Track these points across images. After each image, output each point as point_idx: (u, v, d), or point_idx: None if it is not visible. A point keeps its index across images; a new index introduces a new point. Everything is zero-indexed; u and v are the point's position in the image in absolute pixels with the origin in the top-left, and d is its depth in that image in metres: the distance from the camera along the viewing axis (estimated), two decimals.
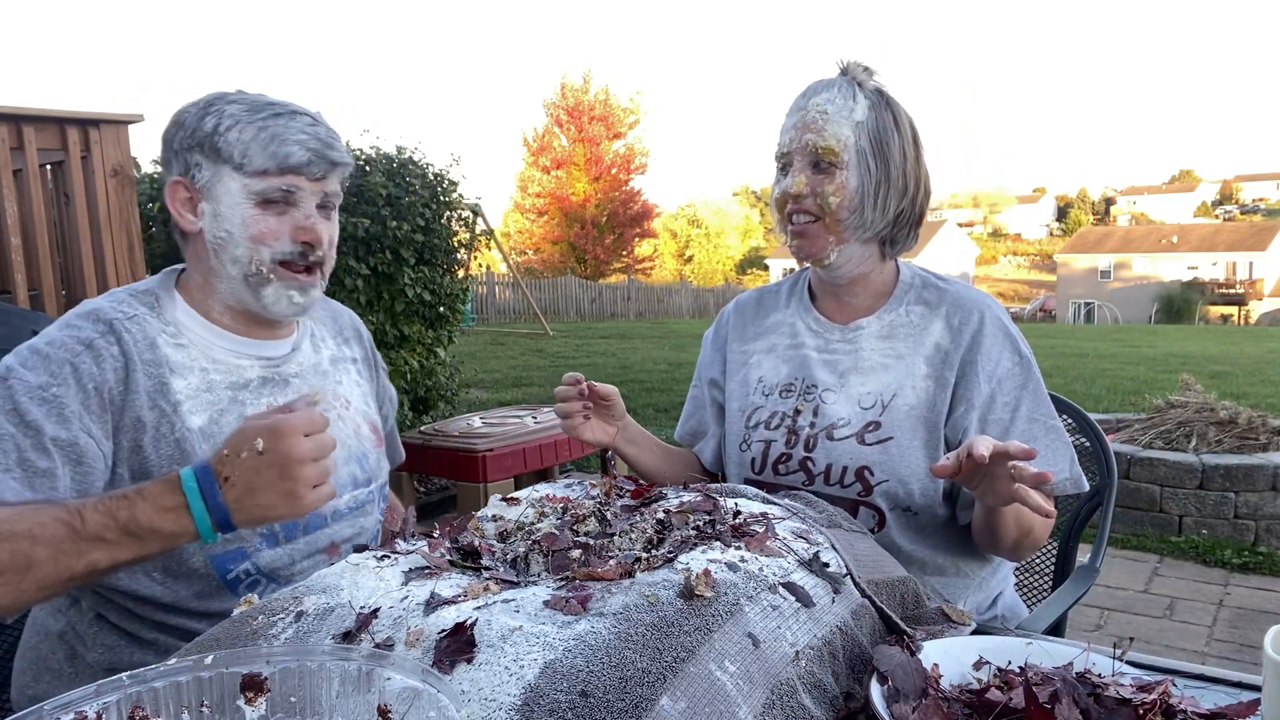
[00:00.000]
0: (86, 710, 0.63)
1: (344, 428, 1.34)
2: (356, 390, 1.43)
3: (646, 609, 0.78)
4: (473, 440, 3.97)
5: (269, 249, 1.21)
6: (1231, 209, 76.54)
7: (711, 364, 1.60)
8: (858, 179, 1.33)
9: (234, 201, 1.19)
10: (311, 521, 1.27)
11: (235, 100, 1.21)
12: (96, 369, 1.13)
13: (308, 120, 1.22)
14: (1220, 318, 37.73)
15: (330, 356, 1.40)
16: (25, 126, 3.57)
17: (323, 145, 1.22)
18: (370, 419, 1.43)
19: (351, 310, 1.56)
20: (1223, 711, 0.75)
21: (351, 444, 1.35)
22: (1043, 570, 1.78)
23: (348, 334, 1.48)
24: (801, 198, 1.34)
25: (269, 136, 1.18)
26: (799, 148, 1.34)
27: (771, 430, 1.43)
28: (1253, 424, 4.36)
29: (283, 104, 1.22)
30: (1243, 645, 3.06)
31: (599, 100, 29.89)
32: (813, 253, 1.38)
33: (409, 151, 4.89)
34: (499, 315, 19.64)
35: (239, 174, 1.18)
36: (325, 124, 1.25)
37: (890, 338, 1.41)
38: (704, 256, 52.24)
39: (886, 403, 1.36)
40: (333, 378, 1.38)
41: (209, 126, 1.18)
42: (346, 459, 1.33)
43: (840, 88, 1.34)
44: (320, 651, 0.70)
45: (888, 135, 1.33)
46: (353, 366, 1.45)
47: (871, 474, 1.34)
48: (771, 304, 1.57)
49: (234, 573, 1.21)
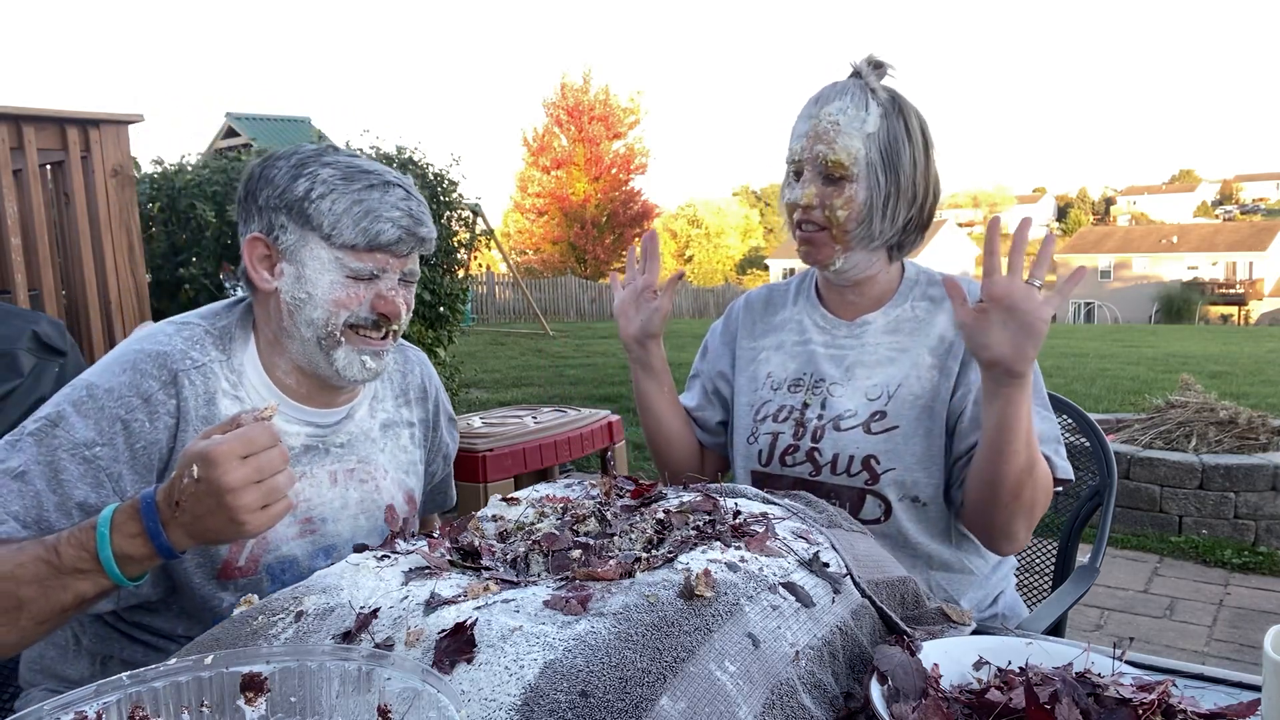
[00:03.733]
0: (86, 710, 0.63)
1: (378, 499, 1.32)
2: (403, 457, 1.38)
3: (646, 609, 0.78)
4: (473, 440, 3.96)
5: (347, 312, 1.17)
6: (1231, 209, 76.51)
7: (720, 357, 1.61)
8: (866, 192, 1.34)
9: (320, 268, 1.16)
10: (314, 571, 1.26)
11: (330, 164, 1.17)
12: (150, 426, 1.11)
13: (401, 194, 1.18)
14: (1220, 318, 37.73)
15: (383, 421, 1.36)
16: (25, 126, 3.57)
17: (414, 223, 1.18)
18: (407, 488, 1.38)
19: (426, 359, 1.51)
20: (1223, 711, 0.75)
21: (378, 516, 1.32)
22: (1043, 570, 1.78)
23: (412, 394, 1.42)
24: (810, 208, 1.36)
25: (362, 212, 1.15)
26: (810, 158, 1.35)
27: (779, 423, 1.45)
28: (1253, 424, 4.36)
29: (378, 173, 1.18)
30: (1243, 645, 3.06)
31: (599, 100, 29.87)
32: (819, 260, 1.41)
33: (409, 151, 4.90)
34: (499, 315, 19.64)
35: (326, 244, 1.15)
36: (417, 195, 1.22)
37: (896, 332, 1.43)
38: (704, 256, 52.22)
39: (892, 393, 1.38)
40: (379, 445, 1.34)
41: (300, 190, 1.15)
42: (370, 530, 1.30)
43: (853, 95, 1.34)
44: (320, 651, 0.70)
45: (899, 145, 1.34)
46: (406, 431, 1.40)
47: (878, 462, 1.35)
48: (780, 301, 1.59)
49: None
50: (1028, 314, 1.10)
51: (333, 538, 1.26)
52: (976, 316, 1.14)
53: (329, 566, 1.20)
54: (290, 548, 1.22)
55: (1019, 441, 1.19)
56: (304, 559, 1.23)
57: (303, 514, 1.23)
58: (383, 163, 1.46)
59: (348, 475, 1.28)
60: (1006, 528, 1.27)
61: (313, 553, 1.24)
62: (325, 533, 1.25)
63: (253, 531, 0.96)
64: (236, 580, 1.18)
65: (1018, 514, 1.24)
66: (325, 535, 1.25)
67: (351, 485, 1.28)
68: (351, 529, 1.28)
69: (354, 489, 1.29)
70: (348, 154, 1.21)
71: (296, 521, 1.22)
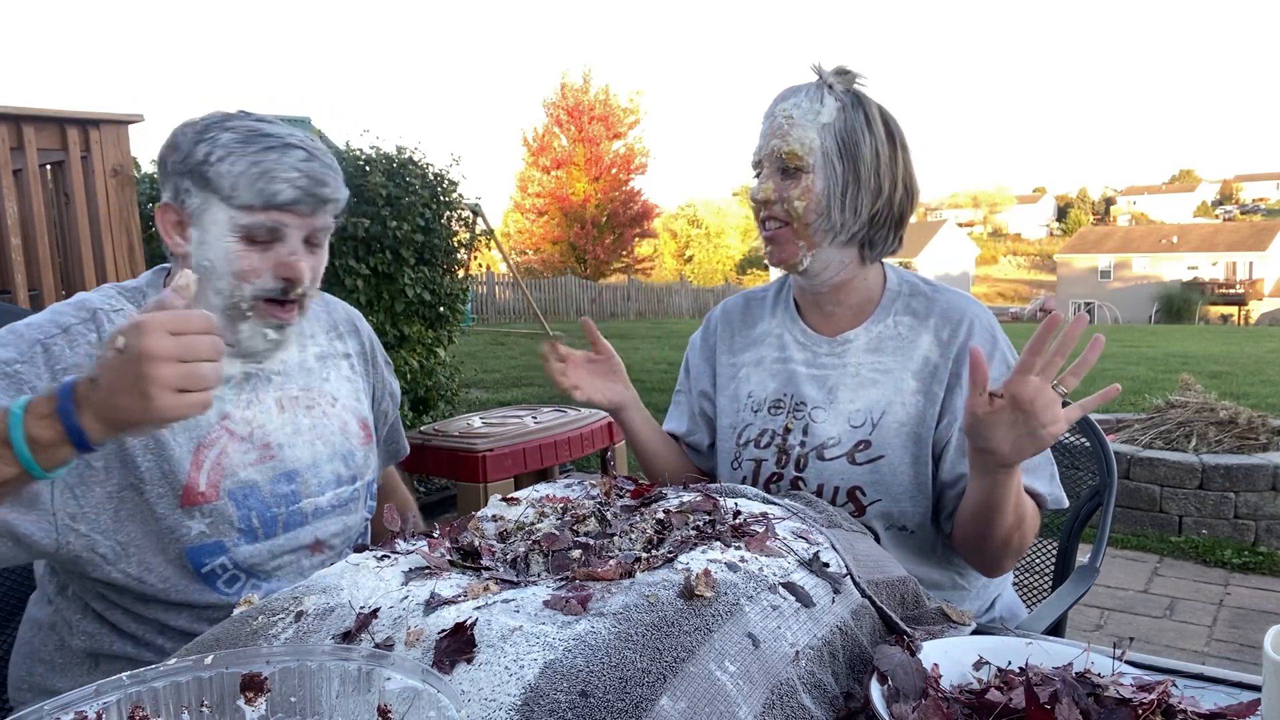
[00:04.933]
0: (86, 710, 0.64)
1: (329, 424, 1.34)
2: (346, 386, 1.41)
3: (646, 609, 0.78)
4: (473, 440, 3.97)
5: (250, 285, 1.19)
6: (1231, 209, 76.53)
7: (701, 375, 1.58)
8: (824, 182, 1.31)
9: (220, 232, 1.17)
10: (291, 518, 1.27)
11: (231, 127, 1.18)
12: (69, 351, 1.14)
13: (301, 155, 1.19)
14: (1220, 318, 37.74)
15: (318, 353, 1.39)
16: (25, 126, 3.57)
17: (312, 183, 1.19)
18: (360, 415, 1.41)
19: (351, 308, 1.54)
20: (1223, 711, 0.75)
21: (336, 440, 1.35)
22: (1043, 570, 1.78)
23: (342, 329, 1.46)
24: (770, 203, 1.34)
25: (259, 172, 1.15)
26: (768, 154, 1.34)
27: (761, 449, 1.42)
28: (1253, 424, 4.36)
29: (278, 135, 1.19)
30: (1243, 645, 3.06)
31: (599, 100, 29.87)
32: (785, 258, 1.37)
33: (409, 151, 4.89)
34: (499, 315, 19.64)
35: (227, 205, 1.17)
36: (321, 157, 1.22)
37: (878, 350, 1.38)
38: (704, 256, 52.23)
39: (876, 420, 1.34)
40: (319, 374, 1.37)
41: (200, 154, 1.16)
42: (331, 455, 1.33)
43: (808, 92, 1.33)
44: (320, 651, 0.70)
45: (857, 135, 1.31)
46: (345, 362, 1.43)
47: (864, 494, 1.33)
48: (759, 312, 1.54)
49: (209, 566, 1.21)
50: (1042, 426, 1.04)
51: (292, 463, 1.28)
52: (989, 410, 1.05)
53: (293, 496, 1.27)
54: (250, 473, 1.24)
55: (1006, 509, 1.17)
56: (265, 484, 1.25)
57: (259, 440, 1.26)
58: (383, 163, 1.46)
59: (294, 402, 1.31)
60: (995, 565, 1.31)
61: (274, 478, 1.26)
62: (284, 458, 1.27)
63: (162, 414, 0.92)
64: (201, 506, 1.20)
65: (1006, 556, 1.27)
66: (284, 460, 1.27)
67: (299, 411, 1.31)
68: (311, 455, 1.30)
69: (303, 415, 1.31)
70: (256, 118, 1.21)
71: (255, 447, 1.25)
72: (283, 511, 1.27)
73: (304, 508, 1.29)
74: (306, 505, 1.29)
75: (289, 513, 1.27)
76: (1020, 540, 1.24)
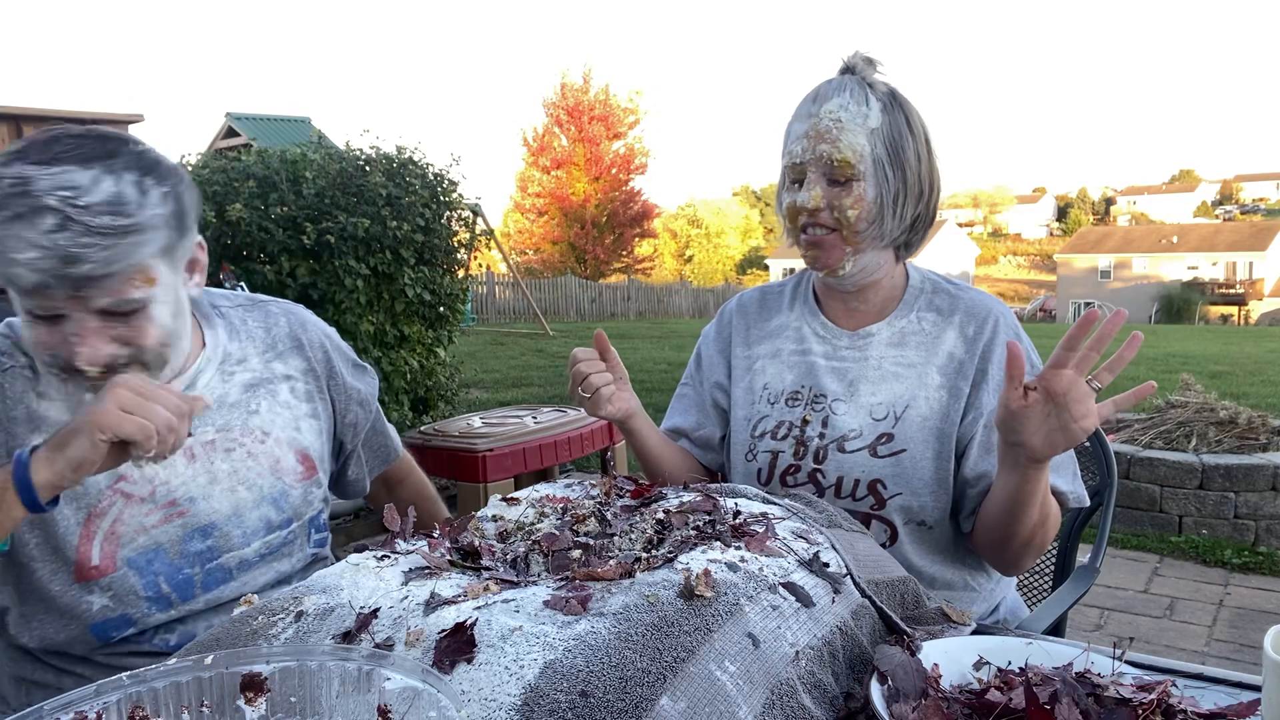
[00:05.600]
0: (86, 710, 0.64)
1: (255, 465, 1.23)
2: (283, 415, 1.27)
3: (646, 609, 0.78)
4: (473, 440, 3.96)
5: (48, 355, 1.03)
6: (1231, 209, 76.52)
7: (715, 366, 1.55)
8: (875, 190, 1.28)
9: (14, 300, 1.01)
10: (210, 577, 1.19)
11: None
12: None
13: (51, 224, 0.92)
14: (1220, 318, 37.75)
15: (247, 380, 1.25)
16: (25, 126, 3.57)
17: (59, 263, 0.93)
18: (299, 446, 1.28)
19: (299, 309, 1.38)
20: (1223, 711, 0.75)
21: (264, 483, 1.23)
22: (1043, 570, 1.78)
23: (282, 346, 1.31)
24: (818, 211, 1.30)
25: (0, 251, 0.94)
26: (814, 159, 1.28)
27: (778, 440, 1.40)
28: (1253, 424, 4.36)
29: (31, 197, 0.93)
30: (1243, 645, 3.06)
31: (599, 100, 29.88)
32: (828, 264, 1.34)
33: (409, 151, 4.89)
34: (499, 315, 19.63)
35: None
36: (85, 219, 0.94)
37: (901, 345, 1.37)
38: (704, 256, 52.26)
39: (899, 414, 1.33)
40: (245, 408, 1.24)
41: None
42: (257, 501, 1.22)
43: (851, 91, 1.28)
44: (320, 651, 0.70)
45: (903, 140, 1.29)
46: (284, 385, 1.29)
47: (884, 487, 1.32)
48: (775, 305, 1.52)
49: (121, 636, 1.16)
50: (1074, 420, 1.04)
51: (208, 516, 1.19)
52: (1022, 404, 1.05)
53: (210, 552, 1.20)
54: (152, 536, 1.15)
55: (1034, 507, 1.17)
56: (172, 545, 1.16)
57: (163, 497, 1.16)
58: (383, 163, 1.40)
59: (208, 448, 1.20)
60: (1016, 563, 1.30)
61: (183, 537, 1.17)
62: (196, 513, 1.18)
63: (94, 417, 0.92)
64: (98, 580, 1.13)
65: (1028, 554, 1.27)
66: (197, 515, 1.18)
67: (216, 457, 1.20)
68: (231, 504, 1.20)
69: (220, 461, 1.20)
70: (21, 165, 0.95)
71: (158, 506, 1.16)
72: (197, 572, 1.18)
73: (226, 563, 1.20)
74: (229, 560, 1.20)
75: (205, 572, 1.18)
76: (1043, 538, 1.24)
